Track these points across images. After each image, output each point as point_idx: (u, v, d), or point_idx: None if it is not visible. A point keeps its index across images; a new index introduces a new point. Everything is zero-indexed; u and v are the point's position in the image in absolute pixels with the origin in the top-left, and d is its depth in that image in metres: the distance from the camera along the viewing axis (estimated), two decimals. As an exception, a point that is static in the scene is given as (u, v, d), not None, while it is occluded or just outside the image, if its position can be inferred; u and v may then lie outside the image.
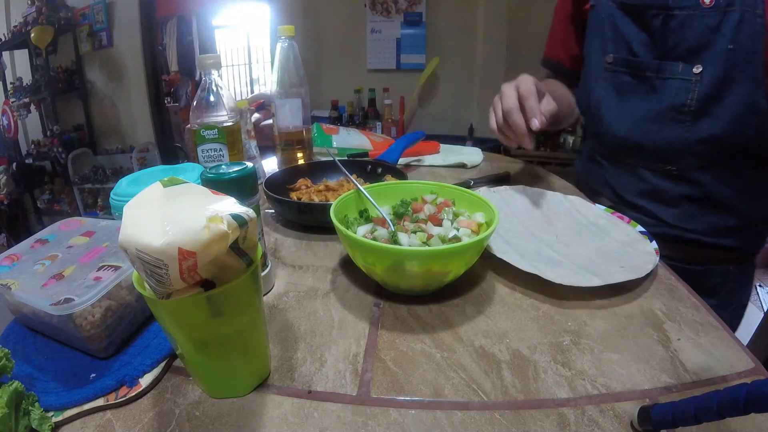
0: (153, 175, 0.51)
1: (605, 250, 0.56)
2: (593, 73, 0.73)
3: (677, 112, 0.64)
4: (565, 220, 0.64)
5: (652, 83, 0.66)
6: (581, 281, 0.47)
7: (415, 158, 0.99)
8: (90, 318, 0.36)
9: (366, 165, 0.80)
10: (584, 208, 0.66)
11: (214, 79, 0.61)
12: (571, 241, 0.59)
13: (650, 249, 0.54)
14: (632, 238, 0.57)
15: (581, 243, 0.58)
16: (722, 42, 0.58)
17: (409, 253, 0.42)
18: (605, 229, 0.61)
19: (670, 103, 0.64)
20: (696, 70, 0.61)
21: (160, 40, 3.21)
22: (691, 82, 0.62)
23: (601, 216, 0.64)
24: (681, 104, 0.63)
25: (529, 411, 0.34)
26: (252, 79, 3.90)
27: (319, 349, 0.41)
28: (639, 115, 0.68)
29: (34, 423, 0.31)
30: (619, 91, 0.70)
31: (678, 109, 0.64)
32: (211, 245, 0.27)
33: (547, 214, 0.66)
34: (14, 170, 2.71)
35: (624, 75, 0.69)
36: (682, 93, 0.63)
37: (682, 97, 0.63)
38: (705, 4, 0.58)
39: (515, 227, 0.61)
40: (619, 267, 0.51)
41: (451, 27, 2.58)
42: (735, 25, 0.57)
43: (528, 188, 0.71)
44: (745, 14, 0.57)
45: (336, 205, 0.50)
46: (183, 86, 3.38)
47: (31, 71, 2.74)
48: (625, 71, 0.69)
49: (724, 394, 0.25)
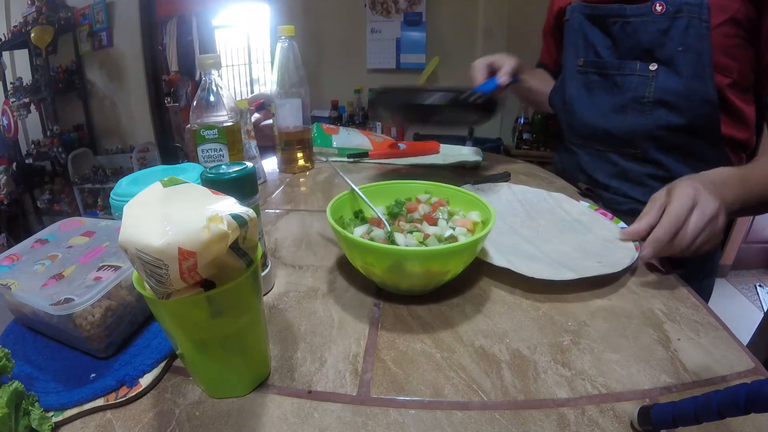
0: (153, 175, 0.51)
1: (585, 245, 0.57)
2: (567, 77, 0.83)
3: (638, 103, 0.72)
4: (548, 216, 0.66)
5: (615, 80, 0.75)
6: (554, 275, 0.48)
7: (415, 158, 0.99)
8: (90, 318, 0.36)
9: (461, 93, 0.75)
10: (568, 204, 0.68)
11: (214, 79, 0.61)
12: (552, 237, 0.60)
13: (630, 245, 0.55)
14: (614, 235, 0.58)
15: (562, 239, 0.59)
16: (672, 44, 0.67)
17: (409, 253, 0.42)
18: (588, 225, 0.62)
19: (632, 95, 0.72)
20: (652, 67, 0.70)
21: (160, 40, 3.20)
22: (648, 77, 0.70)
23: (585, 213, 0.65)
24: (641, 96, 0.71)
25: (529, 411, 0.34)
26: (252, 79, 3.90)
27: (319, 349, 0.41)
28: (606, 107, 0.76)
29: (34, 423, 0.31)
30: (588, 88, 0.79)
31: (638, 101, 0.72)
32: (211, 245, 0.27)
33: (530, 210, 0.68)
34: (14, 170, 2.71)
35: (592, 75, 0.78)
36: (641, 87, 0.71)
37: (642, 90, 0.71)
38: (657, 11, 0.67)
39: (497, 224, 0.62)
40: (596, 262, 0.52)
41: (451, 27, 2.58)
42: (683, 29, 0.65)
43: (513, 185, 0.75)
44: (691, 20, 0.64)
45: (331, 206, 0.50)
46: (183, 86, 3.37)
47: (31, 71, 2.74)
48: (593, 71, 0.78)
49: (724, 394, 0.25)
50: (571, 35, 0.81)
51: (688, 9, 0.64)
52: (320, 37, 2.69)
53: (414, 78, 2.62)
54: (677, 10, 0.65)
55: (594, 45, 0.76)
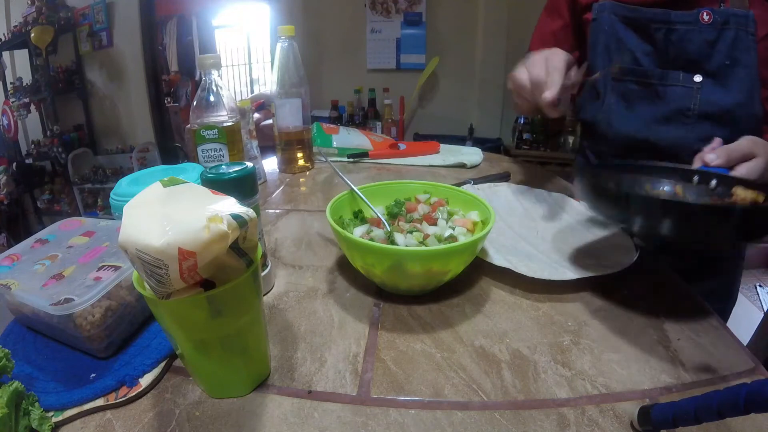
0: (153, 175, 0.51)
1: (584, 245, 0.57)
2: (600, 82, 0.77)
3: (683, 115, 0.68)
4: (548, 216, 0.66)
5: (657, 90, 0.70)
6: (554, 275, 0.48)
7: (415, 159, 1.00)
8: (90, 318, 0.36)
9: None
10: (568, 204, 0.68)
11: (214, 79, 0.61)
12: (551, 237, 0.60)
13: (629, 245, 0.55)
14: (613, 234, 0.58)
15: (561, 239, 0.59)
16: (719, 57, 0.64)
17: (409, 253, 0.42)
18: (587, 225, 0.62)
19: (676, 107, 0.68)
20: (696, 79, 0.66)
21: (160, 40, 3.20)
22: (693, 89, 0.67)
23: (584, 213, 0.65)
24: (686, 108, 0.68)
25: (529, 411, 0.34)
26: (252, 79, 3.89)
27: (319, 349, 0.41)
28: (648, 117, 0.72)
29: (34, 423, 0.31)
30: (626, 98, 0.74)
31: (683, 113, 0.68)
32: (211, 245, 0.27)
33: (529, 210, 0.68)
34: (14, 170, 2.71)
35: (630, 83, 0.73)
36: (686, 99, 0.68)
37: (686, 102, 0.68)
38: (704, 20, 0.63)
39: (497, 224, 0.62)
40: (595, 262, 0.52)
41: (451, 27, 2.58)
42: (730, 42, 0.63)
43: (512, 185, 0.74)
44: (738, 32, 0.62)
45: (331, 206, 0.50)
46: (183, 86, 3.37)
47: (31, 71, 2.74)
48: (631, 80, 0.72)
49: (724, 394, 0.25)
50: (600, 37, 0.74)
51: (735, 20, 0.62)
52: (320, 37, 2.69)
53: (414, 78, 2.62)
54: (725, 21, 0.63)
55: (631, 51, 0.71)
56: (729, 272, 0.80)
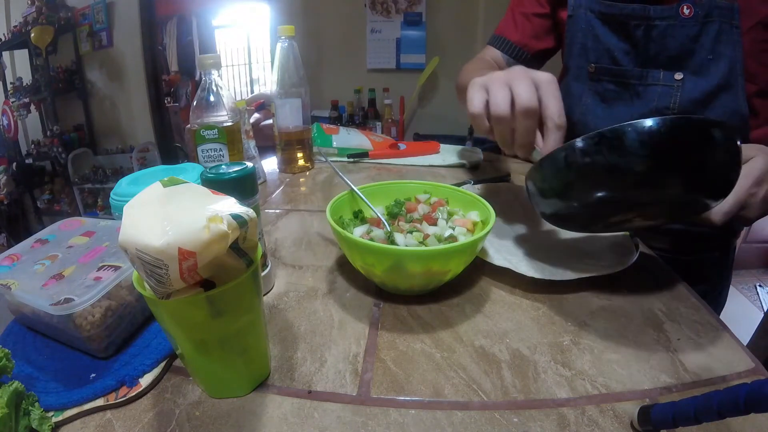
0: (153, 175, 0.51)
1: (584, 245, 0.57)
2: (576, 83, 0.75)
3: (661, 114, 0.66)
4: None
5: (636, 89, 0.68)
6: (554, 275, 0.48)
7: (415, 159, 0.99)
8: (90, 318, 0.36)
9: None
10: None
11: (214, 79, 0.61)
12: (552, 237, 0.60)
13: (630, 244, 0.55)
14: (613, 234, 0.58)
15: (562, 239, 0.59)
16: (702, 52, 0.61)
17: (409, 253, 0.42)
18: None
19: (654, 107, 0.66)
20: (677, 77, 0.64)
21: (160, 40, 3.20)
22: (673, 87, 0.65)
23: None
24: (664, 107, 0.66)
25: (529, 411, 0.34)
26: (252, 79, 3.89)
27: (319, 349, 0.41)
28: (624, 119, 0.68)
29: (34, 423, 0.31)
30: (603, 98, 0.72)
31: (661, 113, 0.66)
32: (211, 245, 0.27)
33: (528, 209, 0.67)
34: (14, 170, 2.71)
35: (607, 83, 0.71)
36: (665, 98, 0.65)
37: (665, 101, 0.66)
38: (684, 14, 0.61)
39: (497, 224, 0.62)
40: (595, 262, 0.52)
41: (451, 27, 2.57)
42: (714, 36, 0.60)
43: (511, 184, 0.73)
44: (722, 25, 0.59)
45: (331, 206, 0.50)
46: (183, 86, 3.37)
47: (31, 71, 2.74)
48: (608, 79, 0.70)
49: (724, 394, 0.25)
50: (577, 34, 0.72)
51: (719, 13, 0.59)
52: (320, 37, 2.69)
53: (414, 78, 2.62)
54: (707, 14, 0.59)
55: (609, 49, 0.68)
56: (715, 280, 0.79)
